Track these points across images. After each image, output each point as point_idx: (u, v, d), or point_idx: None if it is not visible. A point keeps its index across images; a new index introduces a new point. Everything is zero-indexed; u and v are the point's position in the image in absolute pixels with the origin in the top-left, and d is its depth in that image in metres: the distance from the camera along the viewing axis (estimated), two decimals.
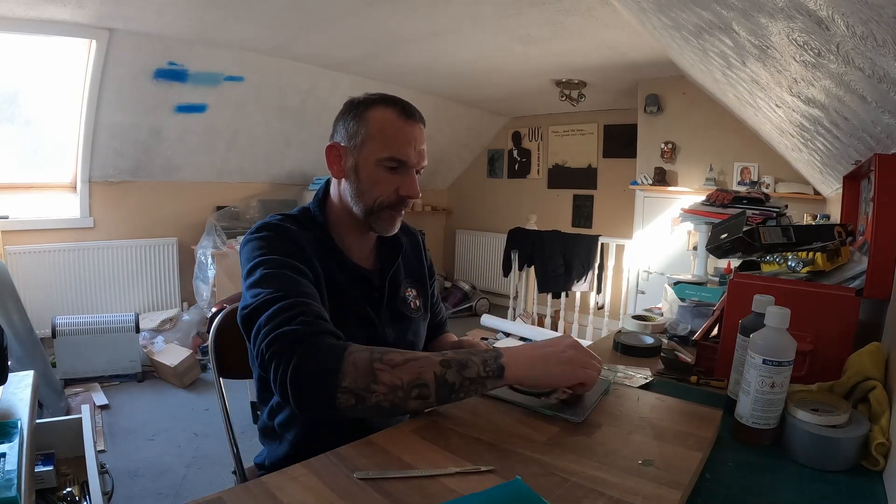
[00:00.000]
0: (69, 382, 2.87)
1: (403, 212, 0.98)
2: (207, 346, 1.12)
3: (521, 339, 3.87)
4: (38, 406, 1.88)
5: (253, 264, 0.84)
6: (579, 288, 3.86)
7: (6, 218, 3.05)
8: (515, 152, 5.37)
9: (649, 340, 1.24)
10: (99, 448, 2.10)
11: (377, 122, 0.91)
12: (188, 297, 3.86)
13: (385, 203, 0.93)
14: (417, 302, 1.08)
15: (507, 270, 4.18)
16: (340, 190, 0.97)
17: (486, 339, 3.88)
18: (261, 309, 0.77)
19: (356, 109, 0.93)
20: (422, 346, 1.11)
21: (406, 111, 0.93)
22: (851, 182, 1.37)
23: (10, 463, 0.89)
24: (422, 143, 0.95)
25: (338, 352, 0.72)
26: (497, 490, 0.59)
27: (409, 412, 0.77)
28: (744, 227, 1.30)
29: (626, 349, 1.21)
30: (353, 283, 0.96)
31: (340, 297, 0.93)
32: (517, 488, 0.59)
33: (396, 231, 1.00)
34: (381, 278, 1.01)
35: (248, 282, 0.83)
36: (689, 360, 1.13)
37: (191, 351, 3.18)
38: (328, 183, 1.01)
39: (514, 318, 4.20)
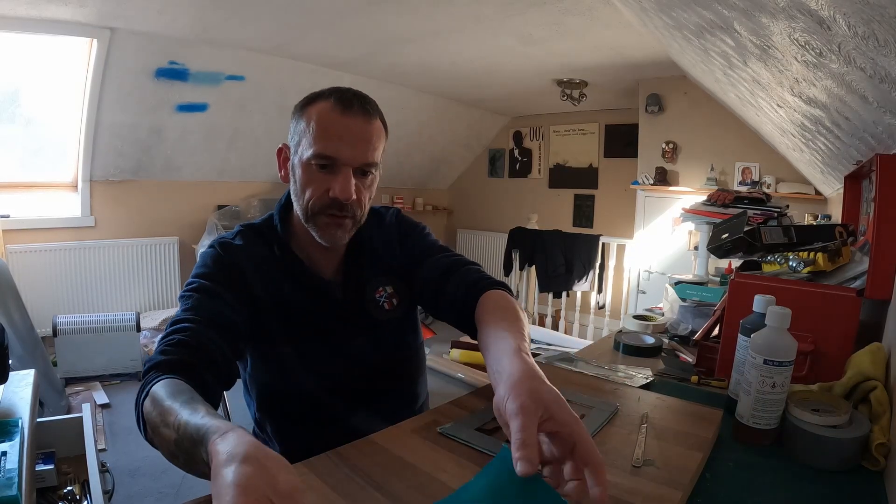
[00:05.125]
0: (70, 381, 2.87)
1: (349, 219, 0.85)
2: None
3: None
4: (39, 405, 1.88)
5: (188, 285, 0.84)
6: (580, 288, 3.86)
7: (7, 217, 3.05)
8: (516, 152, 5.36)
9: (650, 340, 1.24)
10: (100, 447, 2.11)
11: (311, 117, 0.82)
12: None
13: (317, 207, 0.83)
14: (394, 301, 0.97)
15: (507, 270, 4.17)
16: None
17: None
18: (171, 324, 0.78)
19: (301, 105, 0.86)
20: (411, 349, 1.03)
21: (343, 102, 0.81)
22: (853, 182, 1.37)
23: (11, 462, 0.89)
24: (366, 138, 0.83)
25: (139, 399, 0.65)
26: (489, 467, 0.54)
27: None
28: (745, 227, 1.29)
29: (627, 349, 1.21)
30: (310, 296, 0.90)
31: (294, 314, 0.89)
32: (505, 457, 0.51)
33: (344, 241, 0.89)
34: (343, 287, 0.94)
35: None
36: (689, 360, 1.13)
37: None
38: None
39: None
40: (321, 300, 0.92)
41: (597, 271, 3.81)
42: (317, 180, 0.82)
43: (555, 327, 4.05)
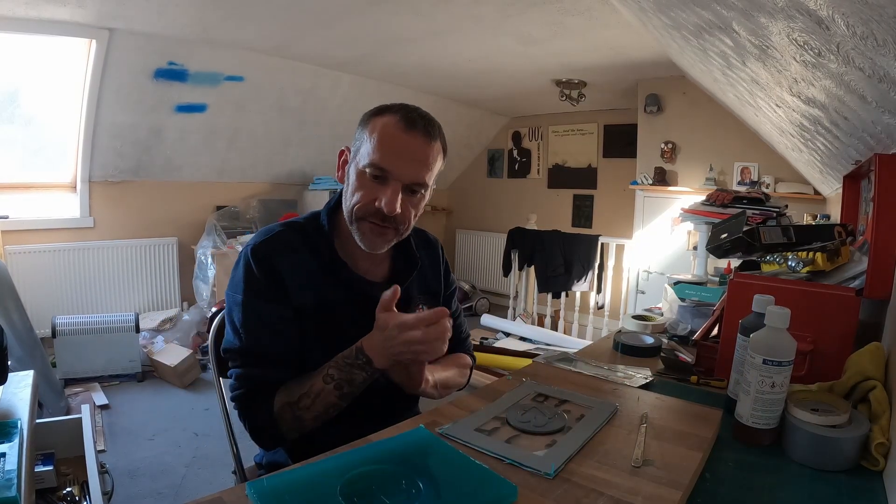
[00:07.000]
0: (69, 382, 2.87)
1: (391, 230, 0.89)
2: (207, 346, 1.12)
3: (521, 338, 3.87)
4: (38, 406, 1.88)
5: (236, 302, 0.88)
6: (579, 288, 3.86)
7: (6, 218, 3.04)
8: (515, 152, 5.37)
9: (649, 340, 1.24)
10: (99, 448, 2.10)
11: (376, 128, 0.86)
12: (188, 297, 3.85)
13: (361, 213, 0.87)
14: None
15: (507, 270, 4.18)
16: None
17: (487, 339, 3.89)
18: (229, 358, 0.89)
19: (369, 114, 0.90)
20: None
21: (408, 120, 0.86)
22: (851, 182, 1.37)
23: (10, 463, 0.89)
24: (422, 158, 0.87)
25: (268, 414, 0.84)
26: (404, 436, 0.69)
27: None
28: (744, 226, 1.30)
29: (627, 349, 1.21)
30: (352, 297, 0.92)
31: (332, 316, 0.90)
32: (422, 435, 0.69)
33: (383, 249, 0.92)
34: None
35: (228, 318, 0.90)
36: (689, 360, 1.13)
37: (191, 351, 3.18)
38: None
39: (514, 318, 4.20)
40: (364, 300, 0.90)
41: (596, 271, 3.81)
42: (367, 187, 0.86)
43: (554, 327, 4.05)
